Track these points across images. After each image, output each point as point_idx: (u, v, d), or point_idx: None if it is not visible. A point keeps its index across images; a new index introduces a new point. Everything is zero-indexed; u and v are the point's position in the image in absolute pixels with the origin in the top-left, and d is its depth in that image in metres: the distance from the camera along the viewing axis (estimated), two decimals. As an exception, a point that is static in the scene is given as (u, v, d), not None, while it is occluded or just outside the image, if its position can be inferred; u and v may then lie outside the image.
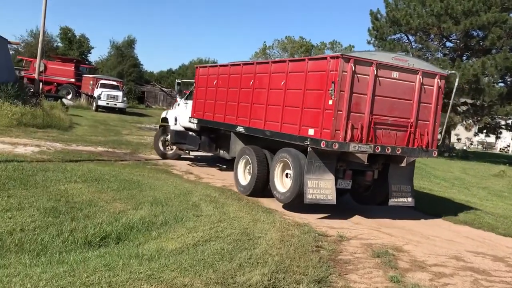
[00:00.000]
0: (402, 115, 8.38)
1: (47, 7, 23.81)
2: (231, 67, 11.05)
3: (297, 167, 8.33)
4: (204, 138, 12.44)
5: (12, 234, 5.63)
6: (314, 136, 7.96)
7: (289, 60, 9.05)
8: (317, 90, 8.05)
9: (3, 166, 8.85)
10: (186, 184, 10.02)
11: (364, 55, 7.99)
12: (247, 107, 10.07)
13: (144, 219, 6.78)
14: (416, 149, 8.58)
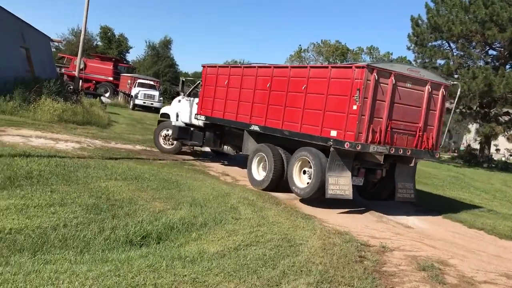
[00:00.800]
0: (412, 120, 9.29)
1: (89, 6, 24.25)
2: (244, 68, 11.62)
3: (318, 164, 9.04)
4: (208, 134, 12.98)
5: (56, 229, 5.66)
6: (337, 138, 8.69)
7: (311, 67, 9.95)
8: (341, 96, 8.75)
9: (46, 161, 8.98)
10: (223, 185, 9.97)
11: (386, 66, 8.89)
12: (262, 108, 10.65)
13: (184, 220, 6.74)
14: (423, 151, 9.49)
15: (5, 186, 7.11)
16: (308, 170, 9.43)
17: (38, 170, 8.19)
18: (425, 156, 9.84)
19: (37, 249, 4.95)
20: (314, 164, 9.11)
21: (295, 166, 9.66)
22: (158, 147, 14.30)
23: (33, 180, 7.64)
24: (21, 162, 8.48)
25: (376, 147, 8.67)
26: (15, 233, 5.31)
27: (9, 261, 4.41)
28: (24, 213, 6.10)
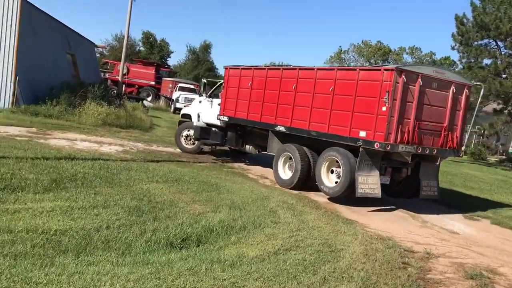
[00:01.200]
0: (438, 120, 9.56)
1: (131, 13, 24.84)
2: (268, 70, 11.93)
3: (347, 164, 9.35)
4: (230, 134, 13.28)
5: (99, 231, 5.77)
6: (366, 138, 8.97)
7: (338, 69, 10.31)
8: (370, 97, 9.01)
9: (91, 164, 9.21)
10: (262, 189, 9.94)
11: (413, 68, 9.22)
12: (288, 109, 10.93)
13: (223, 223, 6.73)
14: (448, 150, 9.80)
15: (51, 188, 7.33)
16: (336, 169, 9.75)
17: (83, 172, 8.41)
18: (449, 155, 10.26)
19: (80, 250, 5.05)
20: (343, 163, 9.41)
21: (323, 165, 9.97)
22: (180, 147, 14.53)
23: (77, 183, 7.84)
24: (67, 165, 8.73)
25: (405, 147, 8.95)
26: (60, 234, 5.44)
27: (54, 261, 4.51)
28: (68, 214, 6.26)
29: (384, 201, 10.23)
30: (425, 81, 9.07)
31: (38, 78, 19.96)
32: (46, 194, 7.05)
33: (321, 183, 9.94)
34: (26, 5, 18.62)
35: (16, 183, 7.17)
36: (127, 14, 30.28)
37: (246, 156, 15.00)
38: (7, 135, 12.28)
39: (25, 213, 6.07)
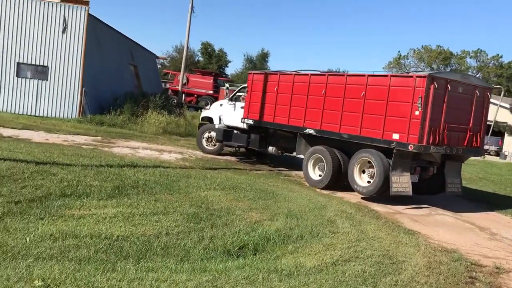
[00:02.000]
0: (463, 122, 10.20)
1: (191, 25, 25.48)
2: (295, 76, 12.21)
3: (380, 165, 9.88)
4: (254, 136, 13.60)
5: (159, 237, 5.89)
6: (400, 140, 9.55)
7: (369, 75, 10.48)
8: (403, 102, 9.57)
9: (151, 171, 9.46)
10: (319, 197, 9.78)
11: (442, 74, 10.06)
12: (317, 112, 11.35)
13: (280, 232, 6.68)
14: (472, 149, 10.47)
15: (114, 195, 7.58)
16: (368, 170, 10.30)
17: (144, 179, 8.64)
18: (473, 154, 11.04)
19: (141, 256, 5.17)
20: (377, 164, 9.94)
21: (356, 166, 10.47)
22: (201, 148, 14.99)
23: (139, 189, 8.07)
24: (129, 172, 9.01)
25: (436, 148, 9.53)
26: (121, 240, 5.61)
27: (116, 267, 4.64)
28: (130, 221, 6.44)
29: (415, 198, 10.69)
30: (452, 86, 9.70)
31: (103, 89, 20.91)
32: (109, 200, 7.30)
33: (354, 182, 10.43)
34: (92, 19, 19.60)
35: (81, 189, 7.48)
36: (187, 26, 31.12)
37: (269, 157, 15.26)
38: (74, 144, 12.90)
39: (89, 219, 6.31)
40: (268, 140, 13.62)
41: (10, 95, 18.85)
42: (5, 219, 5.90)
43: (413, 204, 10.46)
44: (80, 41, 18.87)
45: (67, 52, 18.93)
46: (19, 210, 6.31)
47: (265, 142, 13.63)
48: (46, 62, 18.90)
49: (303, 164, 11.73)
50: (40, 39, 18.85)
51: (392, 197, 9.94)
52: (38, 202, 6.73)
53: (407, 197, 10.13)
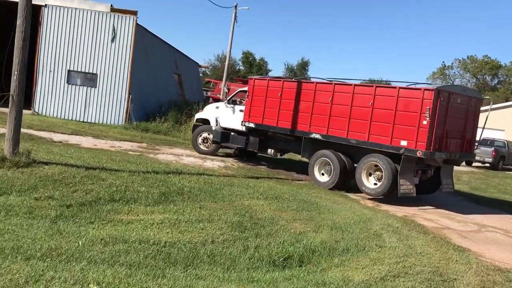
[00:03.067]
0: (459, 129, 11.26)
1: (233, 35, 25.76)
2: (300, 83, 12.79)
3: (388, 168, 10.68)
4: (253, 138, 13.99)
5: (205, 245, 5.94)
6: (408, 147, 10.41)
7: (377, 86, 11.41)
8: (411, 112, 10.43)
9: (196, 179, 9.56)
10: (364, 210, 9.61)
11: (446, 88, 10.99)
12: (323, 118, 11.96)
13: (325, 244, 6.59)
14: (465, 153, 11.70)
15: (160, 201, 7.71)
16: (374, 173, 11.09)
17: (189, 187, 8.75)
18: (467, 158, 12.38)
19: (188, 263, 5.21)
20: (385, 168, 10.73)
21: (363, 169, 11.19)
22: (196, 149, 15.27)
23: (184, 196, 8.17)
24: (174, 179, 9.14)
25: (439, 153, 10.60)
26: (169, 246, 5.68)
27: (165, 273, 4.69)
28: (176, 227, 6.53)
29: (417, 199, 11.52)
30: (453, 98, 10.77)
31: (149, 96, 21.40)
32: (156, 206, 7.43)
33: (362, 185, 11.19)
34: (139, 28, 20.14)
35: (129, 195, 7.65)
36: (229, 36, 31.52)
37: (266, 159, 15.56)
38: (121, 150, 13.22)
39: (137, 224, 6.43)
40: (267, 143, 14.05)
41: (61, 101, 19.56)
42: (58, 222, 6.10)
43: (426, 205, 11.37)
44: (128, 49, 19.42)
45: (115, 60, 19.51)
46: (71, 213, 6.51)
47: (264, 144, 14.04)
48: (95, 69, 19.54)
49: (309, 166, 12.33)
50: (90, 48, 19.51)
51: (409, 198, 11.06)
52: (89, 206, 6.92)
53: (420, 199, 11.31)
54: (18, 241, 5.16)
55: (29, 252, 4.82)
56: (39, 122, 16.57)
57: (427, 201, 11.94)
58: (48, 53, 19.45)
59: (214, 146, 15.08)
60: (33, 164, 8.09)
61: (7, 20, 16.60)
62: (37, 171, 7.83)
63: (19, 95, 8.41)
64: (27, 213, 6.25)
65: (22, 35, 8.30)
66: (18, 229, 5.60)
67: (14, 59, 8.34)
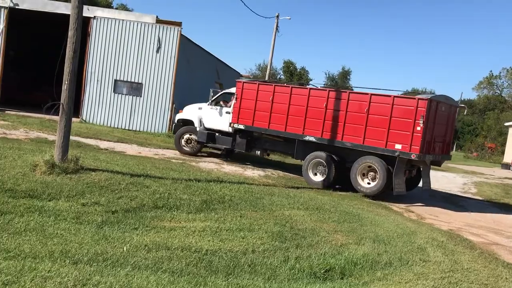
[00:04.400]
0: (442, 134, 12.43)
1: (274, 45, 25.86)
2: (293, 88, 13.38)
3: (383, 169, 11.62)
4: (240, 139, 14.48)
5: (245, 254, 5.95)
6: (402, 150, 11.37)
7: (372, 94, 12.06)
8: (406, 119, 11.35)
9: (236, 187, 9.62)
10: (408, 223, 9.38)
11: (436, 97, 11.82)
12: (318, 122, 12.65)
13: (367, 256, 6.47)
14: (445, 155, 12.96)
15: (202, 208, 7.81)
16: (369, 173, 11.98)
17: (230, 195, 8.81)
18: (445, 159, 13.43)
19: (229, 272, 5.24)
20: (380, 169, 11.67)
21: (358, 170, 12.03)
22: (178, 149, 15.60)
23: (225, 205, 8.24)
24: (215, 187, 9.24)
25: (428, 156, 11.72)
26: (210, 254, 5.73)
27: (207, 281, 4.73)
28: (217, 235, 6.58)
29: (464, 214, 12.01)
30: (440, 106, 11.82)
31: (191, 105, 21.71)
32: (197, 214, 7.53)
33: (357, 184, 12.04)
34: (183, 39, 20.56)
35: (172, 202, 7.78)
36: (271, 45, 31.68)
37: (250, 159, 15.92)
38: (165, 157, 13.49)
39: (180, 231, 6.53)
40: (254, 143, 14.56)
41: (107, 110, 20.20)
42: (104, 228, 6.28)
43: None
44: (172, 60, 19.86)
45: (160, 70, 20.00)
46: (116, 219, 6.68)
47: (250, 144, 14.55)
48: (140, 79, 20.09)
49: (303, 167, 12.94)
50: (136, 58, 20.08)
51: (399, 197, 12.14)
52: (133, 212, 7.09)
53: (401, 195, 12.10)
54: (66, 245, 5.34)
55: (77, 256, 4.98)
56: (87, 129, 17.15)
57: (472, 214, 11.55)
58: (96, 63, 20.16)
59: (198, 146, 15.41)
60: (80, 171, 8.36)
61: (58, 31, 17.37)
62: (85, 178, 8.09)
63: (69, 103, 8.73)
64: (75, 218, 6.46)
65: (73, 46, 8.64)
66: (66, 234, 5.80)
67: (64, 69, 8.68)
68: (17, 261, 4.59)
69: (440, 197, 14.54)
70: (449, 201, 14.14)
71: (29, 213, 6.38)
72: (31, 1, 20.60)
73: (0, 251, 4.87)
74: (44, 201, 6.96)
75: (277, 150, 14.86)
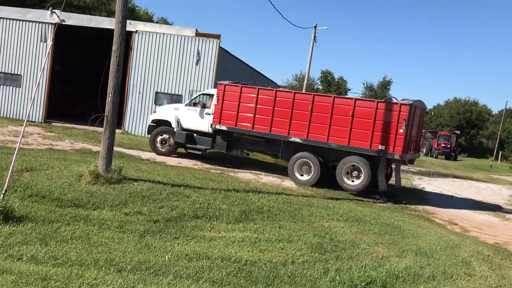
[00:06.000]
0: (415, 134, 13.39)
1: (312, 55, 25.83)
2: (277, 91, 13.82)
3: (368, 168, 12.44)
4: (220, 140, 14.78)
5: (285, 265, 5.94)
6: (386, 150, 12.25)
7: (356, 99, 13.11)
8: (389, 122, 12.24)
9: (275, 198, 9.63)
10: (451, 236, 9.12)
11: (414, 103, 12.62)
12: (303, 124, 13.17)
13: (410, 269, 6.33)
14: (416, 153, 13.97)
15: (240, 219, 7.86)
16: (353, 172, 12.73)
17: (268, 206, 8.83)
18: (416, 157, 14.21)
19: (269, 283, 5.24)
20: (365, 168, 12.47)
21: (344, 169, 12.75)
22: (154, 150, 15.69)
23: (263, 215, 8.27)
24: (254, 197, 9.28)
25: (408, 155, 12.73)
26: (250, 265, 5.76)
27: (247, 292, 4.76)
28: (256, 246, 6.61)
29: None
30: (416, 110, 12.88)
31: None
32: (237, 224, 7.58)
33: (343, 182, 12.76)
34: (222, 51, 20.86)
35: (211, 212, 7.88)
36: (308, 55, 31.65)
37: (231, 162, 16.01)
38: (204, 168, 13.67)
39: (219, 241, 6.60)
40: (234, 144, 14.87)
41: (149, 121, 20.64)
42: (146, 236, 6.42)
43: None
44: (211, 71, 20.17)
45: (199, 82, 20.32)
46: (158, 228, 6.82)
47: (230, 145, 14.81)
48: (180, 91, 20.47)
49: (289, 167, 13.48)
50: (176, 70, 20.51)
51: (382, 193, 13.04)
52: (174, 222, 7.22)
53: None
54: (110, 254, 5.49)
55: (121, 265, 5.11)
56: (129, 140, 17.58)
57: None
58: (137, 76, 20.71)
59: (174, 147, 15.49)
60: (123, 181, 8.59)
61: (102, 45, 17.98)
62: (127, 187, 8.31)
63: (113, 115, 9.01)
64: (118, 227, 6.64)
65: (116, 60, 8.94)
66: (110, 242, 5.97)
67: (109, 83, 8.98)
68: (65, 268, 4.76)
69: (484, 209, 14.06)
70: (494, 213, 13.63)
71: (75, 221, 6.61)
72: (77, 17, 21.45)
73: (48, 258, 5.06)
74: (89, 210, 7.20)
75: (258, 150, 15.39)
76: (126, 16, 9.11)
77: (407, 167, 27.33)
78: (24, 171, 8.60)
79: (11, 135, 14.81)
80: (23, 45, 20.90)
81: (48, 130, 17.43)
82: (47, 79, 20.67)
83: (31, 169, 8.80)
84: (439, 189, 17.82)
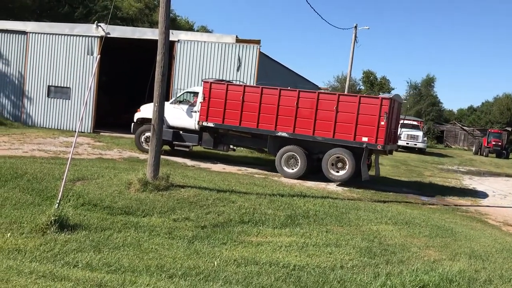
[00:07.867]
0: (394, 126, 14.04)
1: (353, 56, 25.54)
2: (264, 89, 14.09)
3: (352, 159, 12.95)
4: (207, 136, 15.10)
5: (334, 270, 5.88)
6: (369, 142, 12.77)
7: (339, 94, 14.05)
8: (371, 115, 12.75)
9: (320, 202, 9.56)
10: (507, 238, 8.75)
11: (394, 97, 13.55)
12: (289, 119, 13.62)
13: (464, 273, 6.12)
14: (395, 144, 14.70)
15: (287, 223, 7.85)
16: (337, 163, 13.25)
17: (314, 210, 8.78)
18: (395, 148, 15.10)
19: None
20: (349, 159, 12.99)
21: (328, 160, 13.26)
22: (139, 148, 15.85)
23: (310, 220, 8.22)
24: (299, 202, 9.25)
25: (389, 146, 13.40)
26: (298, 270, 5.73)
27: (297, 297, 4.73)
28: (304, 251, 6.57)
29: None
30: (395, 103, 13.61)
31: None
32: (283, 229, 7.58)
33: (329, 173, 13.28)
34: (262, 56, 20.95)
35: (257, 217, 7.91)
36: (349, 56, 31.31)
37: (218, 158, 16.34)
38: (248, 173, 13.74)
39: (266, 246, 6.61)
40: (221, 140, 15.19)
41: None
42: (194, 242, 6.52)
43: None
44: (252, 77, 20.26)
45: (240, 87, 20.45)
46: (205, 234, 6.91)
47: (216, 141, 15.11)
48: (221, 97, 20.66)
49: (277, 161, 13.87)
50: (218, 77, 20.72)
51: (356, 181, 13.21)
52: (221, 227, 7.30)
53: None
54: (161, 260, 5.61)
55: (172, 271, 5.21)
56: (173, 148, 17.88)
57: None
58: (180, 84, 21.07)
59: None
60: (171, 188, 8.77)
61: (145, 55, 18.45)
62: (175, 194, 8.47)
63: (159, 124, 9.22)
64: (167, 234, 6.77)
65: (161, 70, 9.14)
66: (160, 248, 6.10)
67: (154, 92, 9.20)
68: (118, 275, 4.90)
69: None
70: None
71: (125, 229, 6.80)
72: (121, 29, 22.14)
73: (102, 265, 5.23)
74: (139, 217, 7.38)
75: (244, 145, 15.93)
76: (169, 27, 9.30)
77: (456, 167, 26.66)
78: (76, 180, 8.93)
79: (63, 146, 15.40)
80: (71, 59, 21.74)
81: (97, 140, 18.01)
82: (94, 92, 21.40)
83: (82, 178, 9.13)
84: (492, 189, 17.14)
